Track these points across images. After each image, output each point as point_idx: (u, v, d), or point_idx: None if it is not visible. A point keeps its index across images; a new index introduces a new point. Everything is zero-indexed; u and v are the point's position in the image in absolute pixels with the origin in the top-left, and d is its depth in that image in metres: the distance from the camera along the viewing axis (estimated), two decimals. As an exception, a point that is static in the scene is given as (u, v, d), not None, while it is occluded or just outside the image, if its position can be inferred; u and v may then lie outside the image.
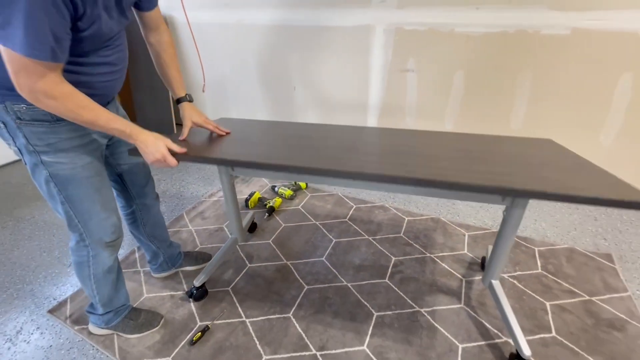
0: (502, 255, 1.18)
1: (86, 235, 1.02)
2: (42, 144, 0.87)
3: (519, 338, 1.08)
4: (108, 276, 1.13)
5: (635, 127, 1.79)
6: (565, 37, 1.73)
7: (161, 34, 1.09)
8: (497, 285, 1.24)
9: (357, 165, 0.93)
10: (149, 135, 0.93)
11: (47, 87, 0.74)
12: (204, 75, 2.95)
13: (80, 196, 0.96)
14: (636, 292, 1.37)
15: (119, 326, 1.23)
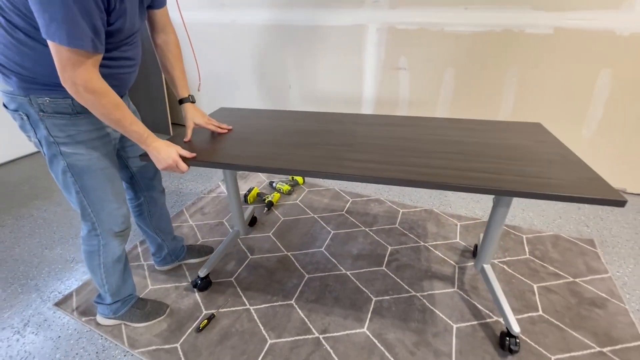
0: (492, 241, 1.26)
1: (98, 224, 1.07)
2: (63, 135, 0.92)
3: (509, 316, 1.15)
4: (117, 265, 1.17)
5: (613, 121, 1.90)
6: (548, 35, 1.83)
7: (168, 34, 1.12)
8: (488, 269, 1.31)
9: (355, 167, 0.97)
10: (162, 143, 1.00)
11: (88, 80, 0.80)
12: (200, 74, 2.98)
13: (94, 186, 1.01)
14: (616, 274, 1.47)
15: (126, 315, 1.26)
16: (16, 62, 0.83)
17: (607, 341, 1.18)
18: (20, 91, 0.87)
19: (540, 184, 0.87)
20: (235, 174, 1.46)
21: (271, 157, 1.05)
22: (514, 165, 0.97)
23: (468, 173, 0.93)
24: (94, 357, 1.19)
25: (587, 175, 0.91)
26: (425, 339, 1.21)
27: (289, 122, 1.35)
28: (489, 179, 0.89)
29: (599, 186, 0.86)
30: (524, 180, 0.89)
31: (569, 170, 0.94)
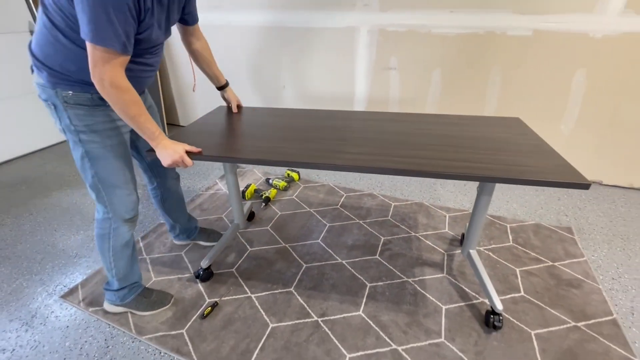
0: (477, 228, 1.35)
1: (110, 208, 1.16)
2: (81, 124, 1.03)
3: (492, 295, 1.25)
4: (125, 250, 1.25)
5: (589, 117, 2.03)
6: (528, 37, 1.95)
7: (201, 40, 1.34)
8: (474, 254, 1.41)
9: (350, 158, 1.06)
10: (169, 141, 1.09)
11: (114, 77, 0.90)
12: (195, 75, 3.03)
13: (107, 172, 1.10)
14: (591, 257, 1.58)
15: (132, 303, 1.32)
16: (50, 58, 0.95)
17: (581, 317, 1.28)
18: (49, 84, 0.98)
19: (518, 170, 0.97)
20: (235, 169, 1.53)
21: (271, 151, 1.13)
22: (495, 155, 1.06)
23: (454, 163, 1.02)
24: (103, 344, 1.24)
25: (558, 163, 1.01)
26: (417, 319, 1.30)
27: (285, 119, 1.42)
28: (472, 168, 0.98)
29: (568, 172, 0.96)
30: (503, 167, 0.98)
31: (542, 158, 1.04)
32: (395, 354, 1.17)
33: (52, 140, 3.02)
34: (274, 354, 1.18)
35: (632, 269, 1.51)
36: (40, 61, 0.96)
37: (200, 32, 1.32)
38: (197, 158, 1.12)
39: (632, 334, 1.22)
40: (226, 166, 1.50)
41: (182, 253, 1.67)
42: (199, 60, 1.37)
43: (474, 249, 1.42)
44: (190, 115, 3.30)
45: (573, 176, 0.93)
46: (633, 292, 1.39)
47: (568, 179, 0.91)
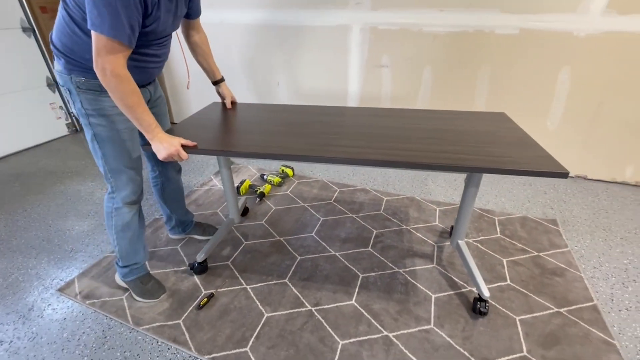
0: (465, 219, 1.40)
1: (115, 188, 1.22)
2: (91, 108, 1.09)
3: (480, 283, 1.30)
4: (127, 231, 1.29)
5: (574, 114, 2.09)
6: (515, 36, 2.01)
7: (200, 33, 1.38)
8: (462, 244, 1.46)
9: (343, 151, 1.09)
10: (165, 134, 1.11)
11: (116, 67, 0.94)
12: (189, 72, 3.04)
13: (114, 155, 1.16)
14: (574, 248, 1.65)
15: (131, 284, 1.39)
16: (68, 47, 1.02)
17: (564, 303, 1.34)
18: (65, 70, 1.05)
19: (501, 161, 1.01)
20: (230, 164, 1.56)
21: (266, 144, 1.16)
22: (481, 147, 1.11)
23: (442, 154, 1.06)
24: (101, 334, 1.27)
25: (540, 154, 1.06)
26: (407, 307, 1.34)
27: (280, 114, 1.46)
28: (459, 159, 1.03)
29: (548, 162, 1.01)
30: (488, 159, 1.03)
31: (525, 150, 1.09)
32: (386, 340, 1.22)
33: (45, 138, 3.00)
34: (269, 342, 1.21)
35: (613, 258, 1.58)
36: (59, 50, 1.04)
37: (200, 26, 1.36)
38: (192, 152, 1.15)
39: (610, 318, 1.28)
40: (221, 161, 1.52)
41: (177, 247, 1.70)
42: (197, 52, 1.41)
43: (463, 240, 1.47)
44: (185, 113, 3.31)
45: (552, 166, 0.98)
46: (613, 280, 1.45)
47: (548, 169, 0.96)
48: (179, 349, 1.20)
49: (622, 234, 1.73)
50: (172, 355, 1.18)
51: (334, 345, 1.20)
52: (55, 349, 1.22)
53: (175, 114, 3.36)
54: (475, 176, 1.31)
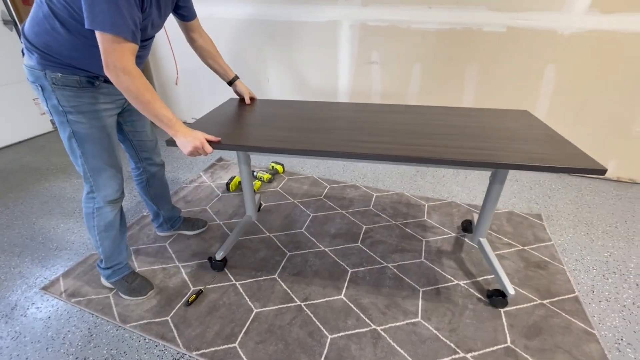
0: (488, 216, 1.39)
1: (95, 188, 1.19)
2: (69, 105, 1.06)
3: (504, 279, 1.29)
4: (110, 230, 1.27)
5: (559, 110, 2.14)
6: (502, 34, 2.03)
7: (204, 36, 1.37)
8: (484, 242, 1.46)
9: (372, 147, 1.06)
10: (187, 128, 1.09)
11: (126, 64, 0.92)
12: (177, 68, 3.00)
13: (93, 153, 1.13)
14: (557, 241, 1.69)
15: (116, 284, 1.37)
16: (45, 43, 0.98)
17: (547, 295, 1.38)
18: (39, 66, 1.00)
19: (533, 158, 0.98)
20: (249, 159, 1.53)
21: (287, 140, 1.13)
22: (509, 144, 1.08)
23: (470, 150, 1.03)
24: (86, 332, 1.25)
25: (572, 151, 1.03)
26: (396, 301, 1.36)
27: (296, 110, 1.42)
28: (489, 155, 0.99)
29: (583, 159, 0.97)
30: (520, 155, 0.99)
31: (556, 147, 1.06)
32: (374, 333, 1.23)
33: (28, 134, 2.93)
34: (258, 337, 1.21)
35: (594, 251, 1.62)
36: (32, 44, 0.99)
37: (201, 29, 1.36)
38: (216, 147, 1.12)
39: (591, 309, 1.32)
40: (240, 157, 1.51)
41: (166, 244, 1.68)
42: (205, 56, 1.40)
43: (484, 237, 1.47)
44: (174, 109, 3.27)
45: (589, 162, 0.95)
46: (594, 272, 1.50)
47: (585, 165, 0.93)
48: (167, 346, 1.19)
49: (604, 228, 1.78)
50: (160, 352, 1.17)
51: (322, 339, 1.21)
52: (39, 348, 1.19)
53: (163, 110, 3.31)
54: (501, 173, 1.29)
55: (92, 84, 1.06)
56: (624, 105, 2.01)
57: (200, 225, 1.73)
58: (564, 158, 0.98)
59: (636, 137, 2.07)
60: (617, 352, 1.16)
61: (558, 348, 1.17)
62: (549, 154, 1.00)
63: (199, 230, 1.73)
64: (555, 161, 0.96)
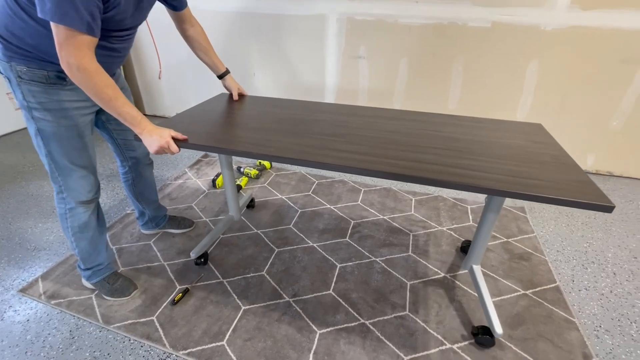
0: (482, 243, 1.27)
1: (64, 189, 1.13)
2: (35, 101, 0.99)
3: (491, 316, 1.16)
4: (85, 232, 1.22)
5: (541, 105, 2.18)
6: (487, 29, 2.05)
7: (195, 26, 1.32)
8: (477, 269, 1.32)
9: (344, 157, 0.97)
10: (154, 126, 1.04)
11: (81, 59, 0.85)
12: (160, 62, 2.92)
13: (61, 153, 1.07)
14: (540, 233, 1.73)
15: (98, 285, 1.33)
16: (9, 30, 0.91)
17: (530, 285, 1.41)
18: (4, 57, 0.95)
19: (527, 184, 0.85)
20: (231, 159, 1.49)
21: (263, 143, 1.06)
22: (506, 164, 0.96)
23: (458, 170, 0.92)
24: (68, 335, 1.21)
25: (578, 178, 0.90)
26: (384, 295, 1.37)
27: (287, 110, 1.35)
28: (477, 177, 0.89)
29: (587, 190, 0.84)
30: (513, 179, 0.87)
31: (560, 172, 0.93)
32: (363, 327, 1.24)
33: (2, 130, 2.80)
34: (247, 334, 1.20)
35: (574, 242, 1.67)
36: None
37: (193, 18, 1.31)
38: (183, 146, 1.07)
39: (571, 298, 1.37)
40: (222, 159, 1.47)
41: (150, 242, 1.64)
42: (195, 47, 1.35)
43: (478, 265, 1.34)
44: (157, 104, 3.18)
45: (593, 196, 0.81)
46: (574, 262, 1.55)
47: (588, 199, 0.80)
48: (152, 346, 1.17)
49: (583, 220, 1.84)
50: (146, 353, 1.15)
51: (311, 335, 1.21)
52: (17, 352, 1.15)
53: (146, 104, 3.23)
54: (496, 200, 1.16)
55: (62, 79, 0.99)
56: (602, 100, 2.07)
57: (187, 225, 1.70)
58: (567, 187, 0.84)
59: (614, 131, 2.13)
60: (596, 339, 1.21)
61: (540, 337, 1.20)
62: (551, 182, 0.86)
63: (185, 229, 1.69)
64: (555, 190, 0.83)
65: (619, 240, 1.69)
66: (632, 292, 1.39)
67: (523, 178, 0.89)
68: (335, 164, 0.95)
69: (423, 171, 0.91)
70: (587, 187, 0.85)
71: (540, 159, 1.00)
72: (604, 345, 1.19)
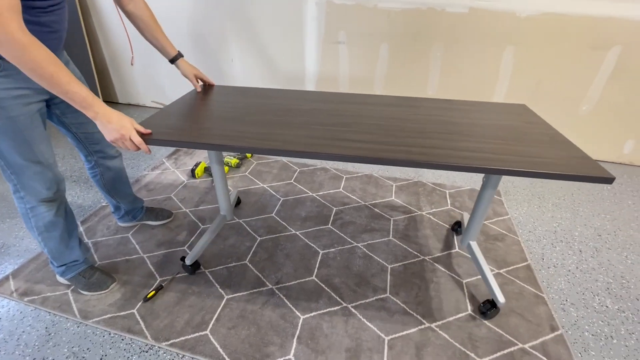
0: (479, 220, 1.30)
1: (20, 187, 1.05)
2: None
3: (493, 287, 1.23)
4: (52, 231, 1.15)
5: (516, 91, 2.24)
6: (464, 14, 2.07)
7: (135, 1, 1.16)
8: (474, 245, 1.37)
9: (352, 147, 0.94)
10: (113, 111, 0.91)
11: (8, 27, 0.72)
12: (132, 47, 2.78)
13: (9, 148, 0.97)
14: (513, 215, 1.81)
15: (73, 280, 1.29)
16: None
17: (503, 265, 1.48)
18: None
19: (534, 162, 0.89)
20: (221, 155, 1.37)
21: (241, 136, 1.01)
22: (507, 145, 0.99)
23: (464, 153, 0.92)
24: (44, 332, 1.18)
25: (575, 154, 0.94)
26: (365, 279, 1.40)
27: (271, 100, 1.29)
28: (486, 159, 0.90)
29: (587, 165, 0.88)
30: (518, 159, 0.90)
31: (558, 149, 0.97)
32: (345, 310, 1.27)
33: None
34: (230, 323, 1.21)
35: (545, 222, 1.76)
36: None
37: None
38: (153, 142, 0.97)
39: (541, 275, 1.44)
40: (211, 154, 1.34)
41: (128, 235, 1.60)
42: (139, 27, 1.19)
43: (474, 241, 1.38)
44: (131, 92, 3.05)
45: (594, 169, 0.86)
46: (544, 242, 1.63)
47: (591, 173, 0.84)
48: (133, 339, 1.16)
49: (553, 201, 1.93)
50: (127, 346, 1.14)
51: (295, 320, 1.23)
52: (-10, 352, 1.11)
53: (119, 93, 3.09)
54: (494, 178, 1.20)
55: (5, 66, 0.88)
56: (573, 86, 2.14)
57: (165, 216, 1.66)
58: (568, 164, 0.88)
59: (583, 115, 2.23)
60: (562, 312, 1.29)
61: (512, 312, 1.27)
62: (552, 159, 0.91)
63: (164, 221, 1.66)
64: (559, 167, 0.86)
65: (585, 220, 1.79)
66: (595, 268, 1.49)
67: (530, 157, 0.91)
68: (354, 155, 0.92)
69: (437, 157, 0.90)
70: (588, 163, 0.90)
71: (536, 138, 1.04)
72: (569, 317, 1.27)
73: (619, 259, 1.54)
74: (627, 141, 2.26)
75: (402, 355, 1.12)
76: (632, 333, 1.22)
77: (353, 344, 1.15)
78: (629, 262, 1.52)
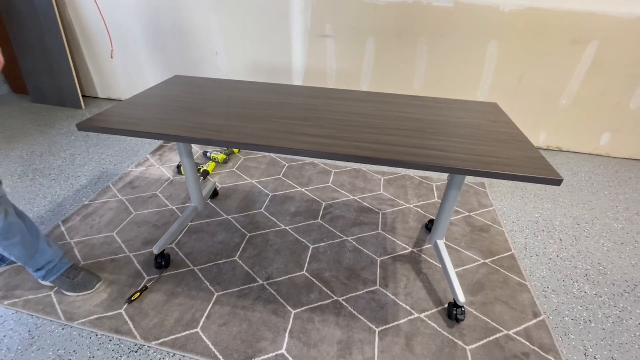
0: (445, 219, 1.34)
1: None
2: None
3: (455, 287, 1.23)
4: (10, 237, 1.07)
5: (500, 84, 2.29)
6: (450, 8, 2.08)
7: None
8: (441, 244, 1.40)
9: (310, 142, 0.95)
10: None
11: None
12: (111, 39, 2.68)
13: None
14: (498, 206, 1.86)
15: (57, 282, 1.24)
16: None
17: (489, 255, 1.52)
18: None
19: (487, 162, 0.90)
20: (190, 147, 1.39)
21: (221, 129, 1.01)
22: (466, 143, 1.00)
23: (423, 151, 0.94)
24: (26, 335, 1.14)
25: (531, 155, 0.96)
26: (355, 272, 1.42)
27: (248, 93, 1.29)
28: (442, 157, 0.92)
29: (539, 165, 0.90)
30: (474, 158, 0.92)
31: (514, 149, 0.99)
32: (336, 304, 1.28)
33: None
34: (221, 320, 1.20)
35: (527, 213, 1.82)
36: None
37: None
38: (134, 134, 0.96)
39: (524, 264, 1.49)
40: (180, 147, 1.37)
41: (113, 233, 1.56)
42: None
43: (442, 239, 1.42)
44: (111, 86, 2.95)
45: (544, 170, 0.88)
46: (527, 232, 1.68)
47: (539, 174, 0.87)
48: (122, 339, 1.13)
49: (535, 192, 1.99)
50: (115, 347, 1.12)
51: (286, 315, 1.23)
52: (-31, 358, 1.07)
53: (98, 86, 2.98)
54: (457, 178, 1.24)
55: None
56: (554, 80, 2.20)
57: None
58: (521, 164, 0.91)
59: (562, 108, 2.29)
60: (544, 298, 1.34)
61: (497, 300, 1.31)
62: (507, 159, 0.93)
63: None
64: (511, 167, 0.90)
65: (565, 210, 1.85)
66: (574, 255, 1.55)
67: (482, 156, 0.94)
68: (301, 149, 0.93)
69: (388, 153, 0.92)
70: (539, 163, 0.92)
71: (497, 137, 1.06)
72: (550, 303, 1.32)
73: (596, 247, 1.61)
74: (603, 134, 2.34)
75: (392, 346, 1.14)
76: (608, 317, 1.28)
77: (344, 336, 1.17)
78: (605, 249, 1.59)
